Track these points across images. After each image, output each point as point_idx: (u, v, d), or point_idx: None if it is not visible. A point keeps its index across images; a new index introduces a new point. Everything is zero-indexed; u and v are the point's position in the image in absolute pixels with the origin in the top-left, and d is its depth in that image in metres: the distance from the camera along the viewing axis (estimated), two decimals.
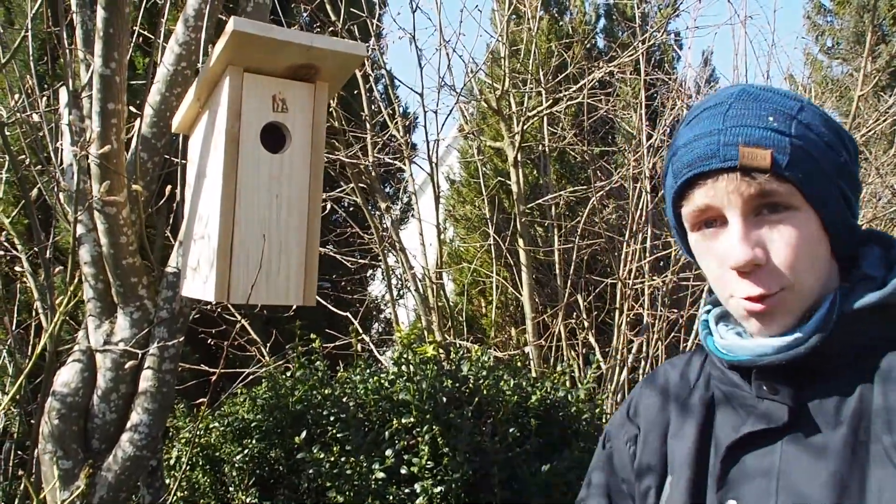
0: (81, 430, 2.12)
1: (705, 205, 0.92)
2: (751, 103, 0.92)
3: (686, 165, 0.93)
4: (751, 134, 0.89)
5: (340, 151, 4.52)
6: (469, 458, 2.91)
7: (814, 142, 0.90)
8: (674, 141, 0.98)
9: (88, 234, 2.10)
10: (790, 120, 0.90)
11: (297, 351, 3.55)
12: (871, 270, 0.93)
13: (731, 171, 0.89)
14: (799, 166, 0.88)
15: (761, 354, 0.91)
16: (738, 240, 0.89)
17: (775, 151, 0.88)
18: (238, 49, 1.52)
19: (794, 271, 0.89)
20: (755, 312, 0.91)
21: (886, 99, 5.05)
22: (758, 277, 0.89)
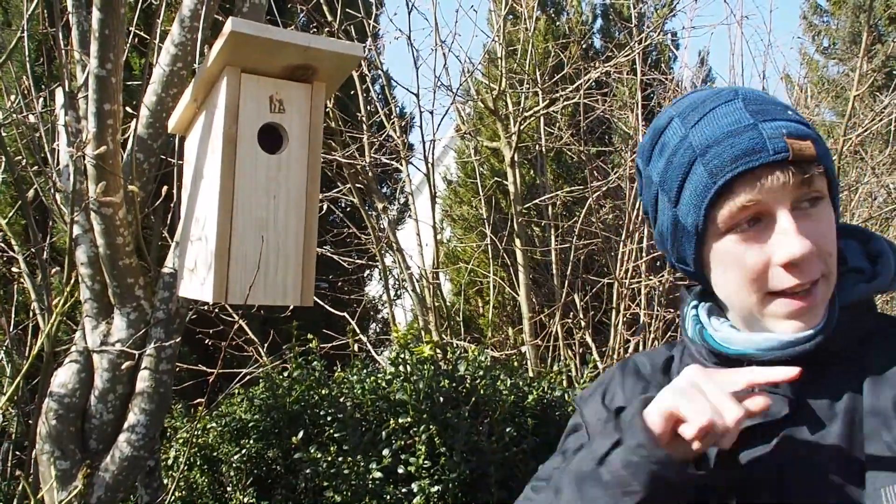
0: (79, 430, 2.12)
1: (751, 201, 0.88)
2: (759, 99, 0.92)
3: (730, 162, 0.88)
4: (789, 126, 0.88)
5: (337, 152, 4.52)
6: (466, 457, 2.91)
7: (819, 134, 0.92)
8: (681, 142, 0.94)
9: (85, 235, 2.10)
10: (804, 120, 0.91)
11: (294, 351, 3.55)
12: (857, 263, 0.94)
13: (779, 164, 0.87)
14: (825, 156, 0.89)
15: (768, 349, 0.90)
16: (795, 233, 0.86)
17: (814, 141, 0.88)
18: (235, 49, 1.52)
19: (830, 259, 0.89)
20: (798, 310, 0.89)
21: (882, 99, 5.06)
22: (804, 267, 0.88)
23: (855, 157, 5.56)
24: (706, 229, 0.93)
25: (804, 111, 5.80)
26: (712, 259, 0.95)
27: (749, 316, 0.94)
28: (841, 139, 4.16)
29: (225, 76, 1.57)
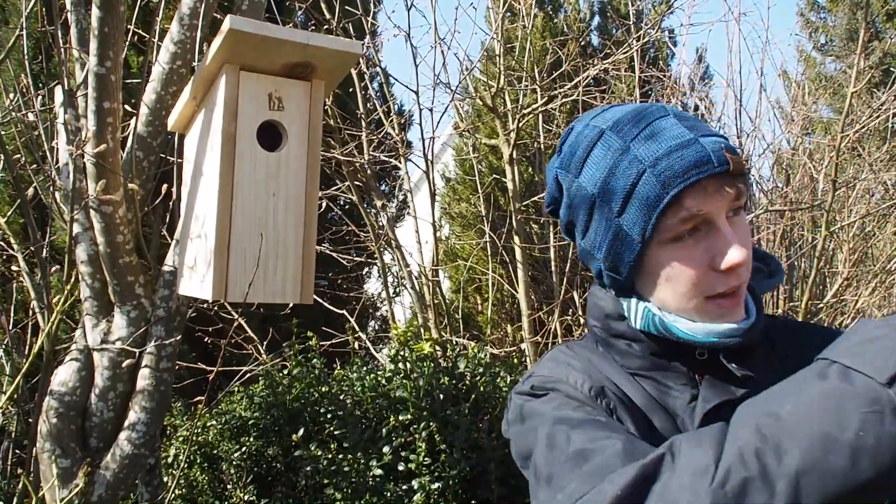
0: (79, 428, 2.13)
1: (698, 210, 0.94)
2: (686, 116, 1.01)
3: (681, 173, 0.93)
4: (722, 142, 0.96)
5: (336, 149, 4.52)
6: (466, 454, 2.92)
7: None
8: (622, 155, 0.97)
9: (85, 233, 2.10)
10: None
11: (293, 349, 3.56)
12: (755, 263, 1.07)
13: (720, 176, 0.94)
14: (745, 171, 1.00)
15: (730, 335, 0.98)
16: (733, 240, 0.95)
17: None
18: (234, 47, 1.52)
19: (750, 263, 0.99)
20: (728, 309, 0.99)
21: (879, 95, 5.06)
22: (740, 272, 0.97)
23: (852, 154, 5.57)
24: (651, 238, 0.97)
25: (802, 108, 5.80)
26: (653, 267, 1.00)
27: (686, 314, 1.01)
28: (839, 136, 4.16)
29: (224, 74, 1.57)
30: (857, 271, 5.01)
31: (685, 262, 0.97)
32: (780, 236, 4.94)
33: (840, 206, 5.20)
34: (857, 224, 5.05)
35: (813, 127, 6.69)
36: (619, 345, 1.07)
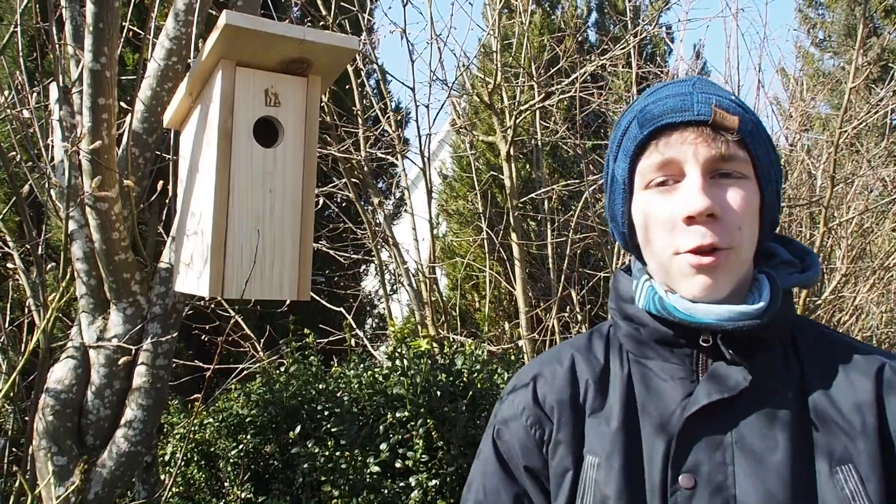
0: (76, 426, 2.12)
1: (670, 156, 0.95)
2: (713, 84, 1.00)
3: (657, 116, 0.96)
4: (721, 101, 0.96)
5: (333, 146, 4.51)
6: (463, 451, 2.92)
7: (763, 128, 0.99)
8: (634, 106, 1.03)
9: (80, 231, 2.09)
10: (745, 107, 0.98)
11: (290, 346, 3.55)
12: (787, 257, 1.04)
13: (701, 125, 0.94)
14: (756, 140, 0.96)
15: (728, 319, 0.93)
16: (697, 189, 0.93)
17: (741, 119, 0.95)
18: (230, 43, 1.52)
19: (741, 233, 0.94)
20: (703, 266, 0.93)
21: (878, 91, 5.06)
22: (711, 229, 0.93)
23: (851, 150, 5.57)
24: (631, 183, 1.01)
25: (800, 104, 5.79)
26: (637, 217, 1.02)
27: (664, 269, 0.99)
28: (837, 132, 4.16)
29: (220, 70, 1.57)
30: (855, 268, 5.01)
31: (656, 210, 0.98)
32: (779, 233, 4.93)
33: (838, 203, 5.20)
34: (856, 220, 5.05)
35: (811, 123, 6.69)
36: (628, 328, 1.05)
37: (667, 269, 0.98)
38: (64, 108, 2.13)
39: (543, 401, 1.06)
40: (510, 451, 1.06)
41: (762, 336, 0.96)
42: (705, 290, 0.94)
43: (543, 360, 1.13)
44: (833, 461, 0.89)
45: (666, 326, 0.99)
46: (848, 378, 0.95)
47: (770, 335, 0.97)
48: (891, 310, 5.57)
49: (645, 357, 1.03)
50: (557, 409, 1.04)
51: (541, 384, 1.08)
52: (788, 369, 0.97)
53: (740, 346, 0.95)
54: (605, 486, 0.96)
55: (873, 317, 5.34)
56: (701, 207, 0.92)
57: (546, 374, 1.09)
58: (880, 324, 5.41)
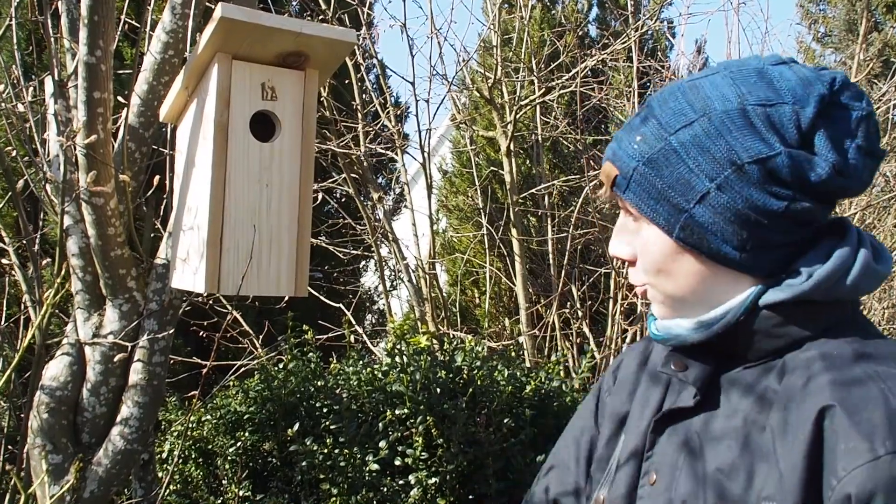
0: (71, 424, 2.10)
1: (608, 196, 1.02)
2: (651, 108, 0.95)
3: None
4: (615, 150, 0.96)
5: (332, 141, 4.48)
6: (463, 448, 2.90)
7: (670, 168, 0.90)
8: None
9: (76, 226, 2.07)
10: (659, 141, 0.91)
11: (289, 343, 3.53)
12: (804, 264, 0.89)
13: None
14: (637, 193, 0.93)
15: (673, 335, 0.98)
16: (614, 233, 1.01)
17: (619, 174, 0.95)
18: (226, 36, 1.49)
19: (651, 275, 0.97)
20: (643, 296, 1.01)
21: (880, 87, 5.04)
22: (632, 270, 1.00)
23: None
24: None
25: None
26: None
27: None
28: None
29: (216, 63, 1.54)
30: None
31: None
32: None
33: None
34: (858, 216, 5.03)
35: None
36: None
37: None
38: (59, 101, 2.10)
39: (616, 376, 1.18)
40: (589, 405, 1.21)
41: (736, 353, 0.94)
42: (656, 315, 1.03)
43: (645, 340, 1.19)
44: (760, 497, 0.83)
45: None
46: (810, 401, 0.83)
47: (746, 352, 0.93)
48: (893, 305, 5.56)
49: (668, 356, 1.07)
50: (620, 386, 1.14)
51: (623, 360, 1.19)
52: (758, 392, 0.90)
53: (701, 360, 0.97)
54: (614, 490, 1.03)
55: (875, 313, 5.32)
56: (610, 253, 1.02)
57: (628, 354, 1.19)
58: (882, 319, 5.39)
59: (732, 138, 0.87)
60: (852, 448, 0.77)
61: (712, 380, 0.96)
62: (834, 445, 0.79)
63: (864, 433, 0.77)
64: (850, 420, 0.79)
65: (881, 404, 0.78)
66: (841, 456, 0.77)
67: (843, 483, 0.76)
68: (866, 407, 0.79)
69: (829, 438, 0.79)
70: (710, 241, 0.90)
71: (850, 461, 0.76)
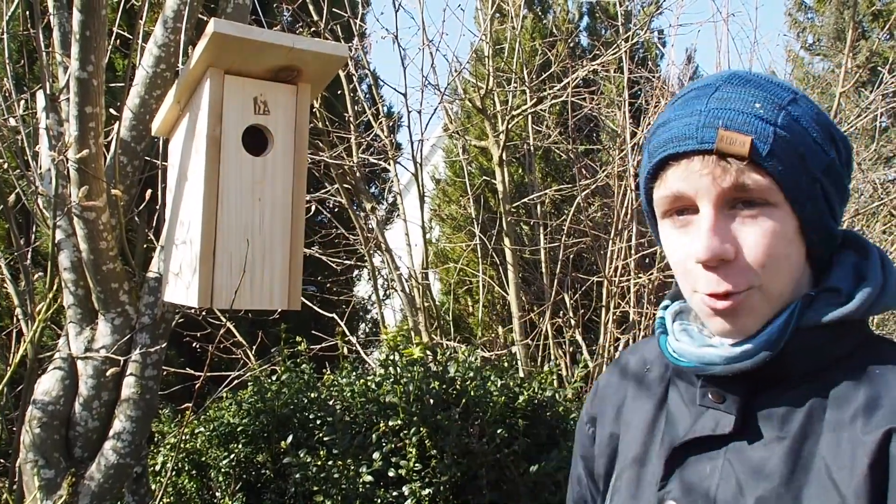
0: (63, 438, 2.09)
1: (678, 189, 0.87)
2: (740, 88, 0.87)
3: (661, 145, 0.88)
4: (733, 118, 0.84)
5: (325, 152, 4.49)
6: (457, 459, 2.89)
7: (800, 135, 0.85)
8: (657, 119, 0.94)
9: (68, 240, 2.07)
10: (778, 109, 0.85)
11: (283, 354, 3.53)
12: (838, 282, 0.88)
13: (707, 153, 0.84)
14: (780, 159, 0.83)
15: (709, 363, 0.88)
16: (706, 231, 0.84)
17: (756, 139, 0.82)
18: (218, 51, 1.50)
19: (765, 270, 0.84)
20: (719, 310, 0.86)
21: (867, 95, 5.08)
22: (725, 273, 0.85)
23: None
24: (653, 212, 0.94)
25: None
26: (661, 243, 0.95)
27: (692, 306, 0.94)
28: None
29: (208, 78, 1.55)
30: None
31: (673, 244, 0.91)
32: None
33: None
34: (847, 223, 5.06)
35: None
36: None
37: (691, 304, 0.93)
38: (51, 115, 2.11)
39: (595, 401, 1.13)
40: (579, 442, 1.15)
41: (773, 376, 0.87)
42: (725, 332, 0.88)
43: (613, 361, 1.15)
44: None
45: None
46: (865, 423, 0.81)
47: (784, 374, 0.87)
48: None
49: (678, 376, 0.98)
50: (604, 411, 1.09)
51: (601, 385, 1.14)
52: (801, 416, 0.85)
53: (740, 385, 0.88)
54: (618, 490, 1.00)
55: None
56: (707, 256, 0.84)
57: (604, 378, 1.14)
58: (872, 325, 5.41)
59: (825, 118, 0.88)
60: None
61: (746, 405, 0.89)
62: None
63: None
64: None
65: None
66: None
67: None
68: None
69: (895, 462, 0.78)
70: (825, 219, 0.88)
71: None
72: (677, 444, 0.91)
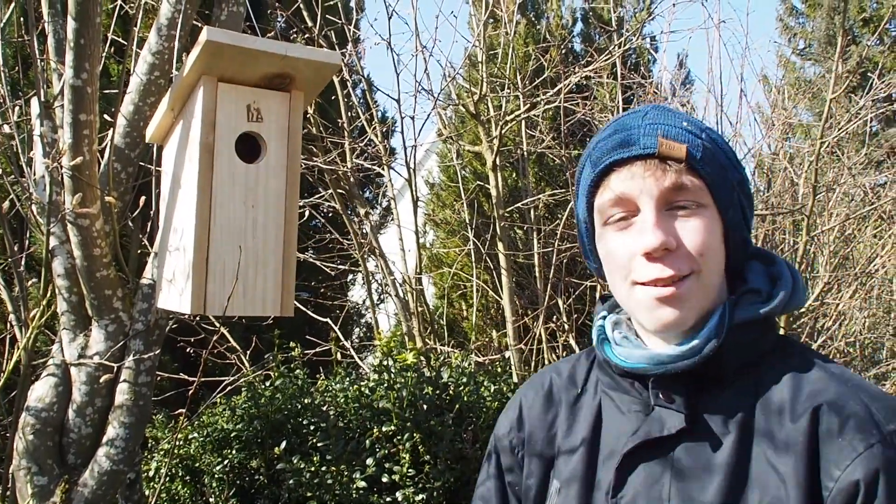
0: (56, 445, 2.09)
1: (621, 192, 0.95)
2: (666, 112, 1.00)
3: (606, 153, 0.97)
4: (668, 130, 0.95)
5: (318, 157, 4.49)
6: (450, 465, 2.90)
7: (720, 151, 0.98)
8: (589, 144, 1.04)
9: (61, 247, 2.07)
10: (700, 130, 0.98)
11: (276, 359, 3.53)
12: (757, 284, 0.99)
13: (648, 157, 0.94)
14: (710, 165, 0.95)
15: (658, 363, 0.95)
16: (651, 224, 0.93)
17: (690, 146, 0.94)
18: (211, 59, 1.51)
19: (703, 259, 0.94)
20: (664, 297, 0.93)
21: (857, 100, 5.11)
22: (669, 262, 0.93)
23: (832, 158, 5.61)
24: (592, 222, 1.03)
25: (782, 112, 5.83)
26: (599, 251, 1.04)
27: (627, 307, 1.01)
28: (818, 141, 4.19)
29: (201, 86, 1.56)
30: (837, 275, 5.04)
31: (615, 244, 0.98)
32: (762, 240, 4.97)
33: (821, 210, 5.24)
34: (838, 227, 5.09)
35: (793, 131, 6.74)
36: (600, 359, 1.07)
37: (627, 303, 1.00)
38: (45, 122, 2.11)
39: (524, 425, 1.14)
40: (500, 466, 1.16)
41: (712, 373, 0.95)
42: (667, 324, 0.95)
43: (531, 381, 1.19)
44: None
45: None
46: (794, 408, 0.91)
47: (722, 372, 0.95)
48: (873, 315, 5.61)
49: (611, 388, 1.05)
50: (532, 434, 1.12)
51: (524, 407, 1.16)
52: (740, 408, 0.94)
53: (684, 385, 0.96)
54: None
55: (856, 322, 5.38)
56: (655, 244, 0.92)
57: (528, 398, 1.16)
58: (863, 329, 5.45)
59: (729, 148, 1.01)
60: (849, 441, 0.86)
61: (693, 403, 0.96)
62: (830, 442, 0.87)
63: (854, 427, 0.86)
64: (839, 418, 0.88)
65: (858, 400, 0.89)
66: (840, 450, 0.86)
67: (848, 472, 0.84)
68: (847, 404, 0.89)
69: (825, 437, 0.88)
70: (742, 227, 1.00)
71: (850, 452, 0.85)
72: (626, 451, 0.97)
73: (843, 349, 5.15)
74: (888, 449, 0.85)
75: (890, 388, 5.06)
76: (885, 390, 4.97)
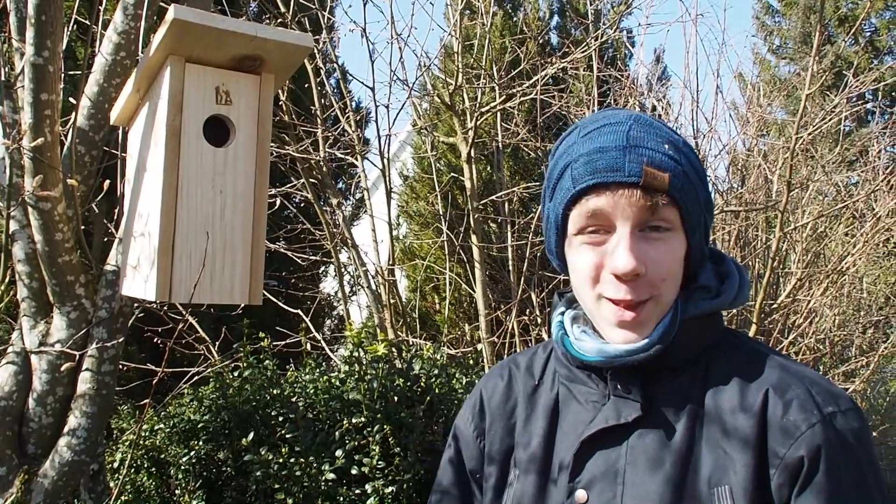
0: (16, 434, 2.04)
1: (599, 211, 0.99)
2: (647, 128, 1.03)
3: (589, 173, 1.00)
4: (652, 157, 0.99)
5: (291, 146, 4.44)
6: (421, 457, 2.88)
7: (693, 174, 1.02)
8: (569, 148, 1.06)
9: (22, 231, 2.01)
10: (678, 152, 1.02)
11: (245, 350, 3.48)
12: (706, 281, 1.06)
13: (631, 186, 0.98)
14: (686, 192, 1.00)
15: (615, 356, 1.01)
16: (626, 249, 0.98)
17: (672, 175, 0.99)
18: (179, 38, 1.46)
19: (664, 283, 1.00)
20: (624, 322, 1.00)
21: (832, 98, 5.15)
22: (633, 286, 0.99)
23: (806, 156, 5.66)
24: (565, 227, 1.06)
25: (757, 109, 5.87)
26: (568, 255, 1.08)
27: (590, 313, 1.07)
28: (793, 138, 4.21)
29: (168, 66, 1.51)
30: (809, 271, 5.08)
31: (587, 257, 1.03)
32: (736, 237, 5.00)
33: (794, 207, 5.28)
34: (811, 225, 5.13)
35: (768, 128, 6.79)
36: (558, 352, 1.13)
37: (592, 309, 1.06)
38: (6, 103, 2.04)
39: (484, 414, 1.20)
40: (460, 455, 1.22)
41: (665, 365, 1.02)
42: (626, 341, 1.01)
43: (491, 372, 1.25)
44: (711, 483, 0.95)
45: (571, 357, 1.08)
46: (741, 393, 0.99)
47: (674, 363, 1.02)
48: (844, 312, 5.68)
49: (569, 380, 1.11)
50: (492, 424, 1.18)
51: (485, 397, 1.22)
52: (690, 395, 1.01)
53: (639, 376, 1.02)
54: (520, 499, 1.08)
55: (826, 319, 5.43)
56: (627, 269, 0.97)
57: (489, 389, 1.22)
58: (833, 326, 5.51)
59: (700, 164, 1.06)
60: (793, 422, 0.94)
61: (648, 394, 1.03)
62: (775, 423, 0.95)
63: (797, 409, 0.95)
64: (783, 401, 0.96)
65: (799, 384, 0.98)
66: (784, 430, 0.94)
67: (793, 450, 0.93)
68: (790, 388, 0.98)
69: (771, 419, 0.96)
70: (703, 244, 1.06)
71: (794, 431, 0.94)
72: (585, 438, 1.03)
73: (813, 346, 5.20)
74: (828, 428, 0.93)
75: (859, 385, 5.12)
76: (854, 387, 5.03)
